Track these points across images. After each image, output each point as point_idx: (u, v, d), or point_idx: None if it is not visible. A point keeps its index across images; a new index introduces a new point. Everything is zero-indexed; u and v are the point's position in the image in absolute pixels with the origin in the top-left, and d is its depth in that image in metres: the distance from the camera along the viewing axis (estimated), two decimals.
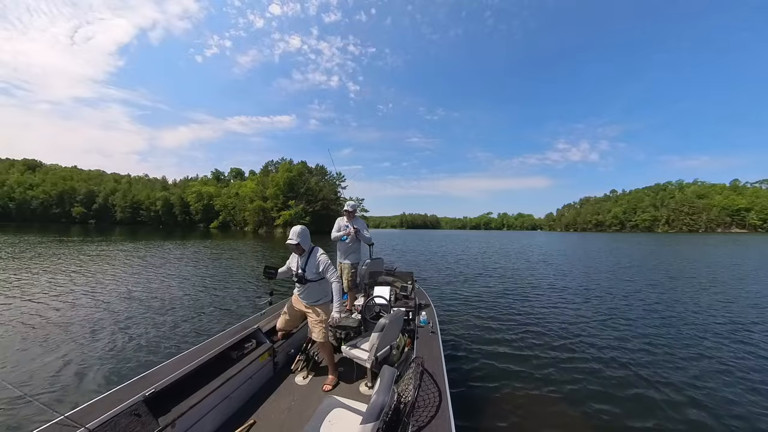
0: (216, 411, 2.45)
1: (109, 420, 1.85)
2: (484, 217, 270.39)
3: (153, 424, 2.00)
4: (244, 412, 2.60)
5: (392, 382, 1.78)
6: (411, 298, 4.24)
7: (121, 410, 1.92)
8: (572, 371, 4.19)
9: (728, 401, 3.58)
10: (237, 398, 2.68)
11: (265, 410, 2.64)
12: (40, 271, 10.58)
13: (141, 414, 2.00)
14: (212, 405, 2.42)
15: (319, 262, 3.04)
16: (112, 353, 4.59)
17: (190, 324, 5.85)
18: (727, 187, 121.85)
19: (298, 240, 3.00)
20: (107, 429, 1.81)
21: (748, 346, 5.18)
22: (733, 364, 4.49)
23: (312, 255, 3.09)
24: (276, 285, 8.26)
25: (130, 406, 1.98)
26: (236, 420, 2.49)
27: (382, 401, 1.63)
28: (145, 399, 2.07)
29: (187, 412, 2.20)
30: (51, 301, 7.14)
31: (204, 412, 2.34)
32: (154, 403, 2.11)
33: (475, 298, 8.23)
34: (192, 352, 2.68)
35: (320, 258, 3.06)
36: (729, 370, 4.32)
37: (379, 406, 1.60)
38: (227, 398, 2.57)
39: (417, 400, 1.98)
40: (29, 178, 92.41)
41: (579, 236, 69.97)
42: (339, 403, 1.98)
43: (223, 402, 2.52)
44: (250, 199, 64.77)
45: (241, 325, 3.36)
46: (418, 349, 2.94)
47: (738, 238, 52.41)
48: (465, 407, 3.32)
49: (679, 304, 7.89)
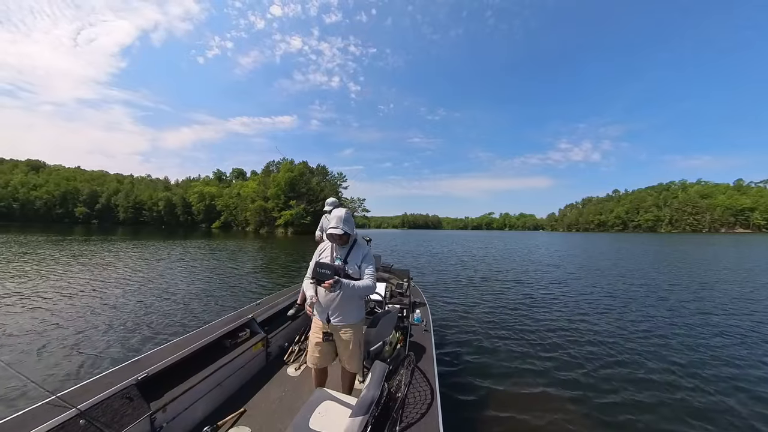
0: (207, 398, 2.48)
1: (101, 402, 1.88)
2: (486, 217, 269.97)
3: (144, 408, 2.03)
4: (236, 401, 2.62)
5: (383, 378, 1.79)
6: (406, 295, 4.25)
7: (113, 393, 1.95)
8: (564, 372, 4.17)
9: (733, 404, 3.52)
10: (229, 386, 2.71)
11: (256, 400, 2.67)
12: (43, 265, 10.71)
13: (133, 397, 2.03)
14: (204, 392, 2.45)
15: (366, 255, 2.37)
16: (106, 338, 4.70)
17: (189, 317, 5.91)
18: (731, 187, 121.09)
19: (345, 229, 2.26)
20: (98, 411, 1.84)
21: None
22: (747, 372, 4.24)
23: (358, 246, 2.41)
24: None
25: (122, 389, 2.01)
26: (227, 408, 2.52)
27: (372, 396, 1.64)
28: (138, 383, 2.10)
29: (179, 397, 2.23)
30: (53, 291, 7.22)
31: (195, 398, 2.37)
32: (146, 387, 2.14)
33: (470, 299, 8.23)
34: (186, 339, 2.71)
35: (363, 247, 2.41)
36: (740, 376, 4.14)
37: (369, 400, 1.62)
38: (219, 386, 2.60)
39: (407, 396, 2.00)
40: (33, 179, 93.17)
41: (581, 236, 69.63)
42: (329, 396, 1.99)
43: (214, 389, 2.55)
44: (252, 199, 64.94)
45: (236, 314, 3.38)
46: (411, 346, 2.95)
47: (743, 238, 51.99)
48: (454, 405, 3.34)
49: (685, 303, 7.88)
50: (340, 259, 2.32)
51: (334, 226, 2.27)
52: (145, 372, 2.17)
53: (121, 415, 1.91)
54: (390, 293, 4.16)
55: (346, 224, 2.28)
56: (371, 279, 2.26)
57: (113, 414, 1.89)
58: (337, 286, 2.09)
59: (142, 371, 2.16)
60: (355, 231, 2.39)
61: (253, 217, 63.04)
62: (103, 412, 1.85)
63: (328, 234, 2.32)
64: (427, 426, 1.88)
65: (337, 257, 2.35)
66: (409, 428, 1.85)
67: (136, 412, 1.98)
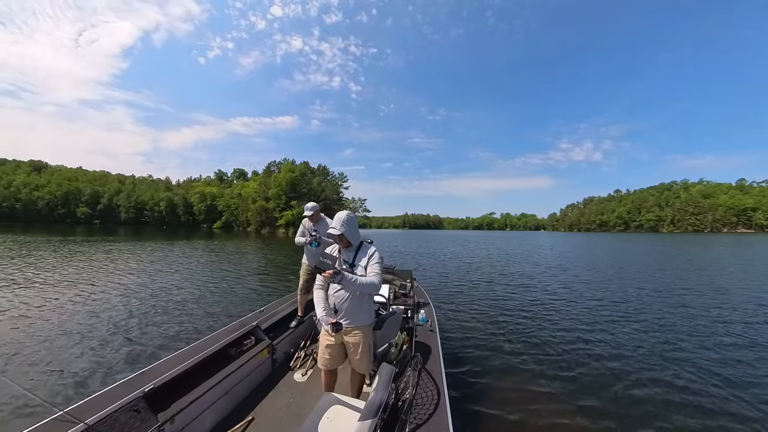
0: (215, 407, 2.46)
1: (109, 415, 1.86)
2: (487, 217, 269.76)
3: (152, 420, 2.02)
4: (243, 409, 2.61)
5: (390, 380, 1.79)
6: (410, 296, 4.24)
7: (121, 406, 1.94)
8: (573, 372, 4.16)
9: (737, 407, 3.50)
10: (236, 395, 2.69)
11: (264, 407, 2.65)
12: (47, 268, 10.72)
13: (140, 410, 2.02)
14: (211, 401, 2.43)
15: (372, 255, 2.29)
16: (110, 350, 4.64)
17: (191, 323, 5.89)
18: (733, 187, 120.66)
19: (342, 230, 2.24)
20: (106, 424, 1.83)
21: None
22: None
23: (364, 248, 2.36)
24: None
25: (130, 401, 1.99)
26: (235, 416, 2.50)
27: (380, 398, 1.63)
28: (145, 395, 2.09)
29: (186, 408, 2.22)
30: (52, 296, 7.22)
31: (203, 408, 2.36)
32: (153, 399, 2.13)
33: (475, 298, 8.21)
34: (191, 349, 2.70)
35: (369, 249, 2.34)
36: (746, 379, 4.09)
37: (377, 403, 1.61)
38: (226, 395, 2.58)
39: (415, 397, 1.98)
40: (35, 179, 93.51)
41: (583, 236, 69.55)
42: (337, 400, 1.98)
43: (221, 398, 2.54)
44: (253, 199, 65.03)
45: (239, 322, 3.37)
46: (417, 347, 2.94)
47: (745, 238, 51.75)
48: (463, 405, 3.31)
49: (693, 304, 7.82)
50: (348, 262, 2.30)
51: (333, 227, 2.26)
52: (152, 384, 2.16)
53: (129, 428, 1.89)
54: (394, 294, 4.15)
55: (345, 226, 2.24)
56: (376, 277, 2.19)
57: (121, 427, 1.87)
58: (337, 277, 2.03)
59: (149, 383, 2.15)
60: (358, 235, 2.36)
61: (255, 218, 63.08)
62: (112, 426, 1.84)
63: (327, 234, 2.36)
64: (437, 427, 1.87)
65: (345, 261, 2.33)
66: (418, 429, 1.85)
67: (145, 424, 1.97)
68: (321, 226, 3.71)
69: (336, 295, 2.28)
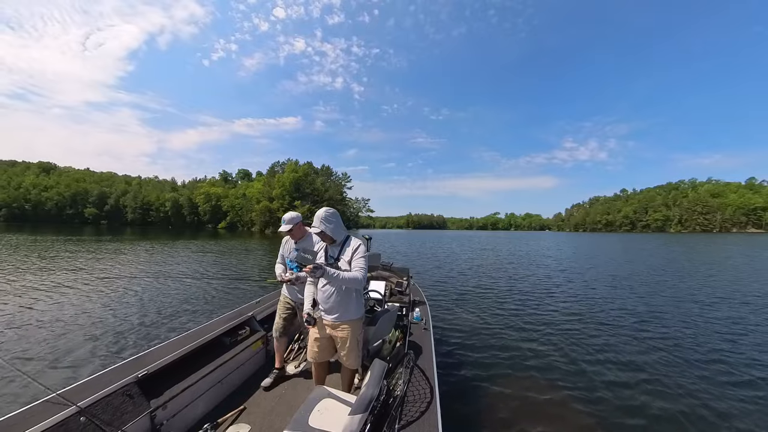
0: (207, 395, 2.51)
1: (101, 399, 1.90)
2: (492, 217, 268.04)
3: (144, 405, 2.06)
4: (235, 398, 2.65)
5: (382, 376, 1.80)
6: (406, 294, 4.25)
7: (114, 390, 1.98)
8: (562, 372, 4.14)
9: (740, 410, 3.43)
10: (228, 384, 2.73)
11: (256, 397, 2.69)
12: (53, 263, 10.94)
13: (133, 395, 2.06)
14: (204, 389, 2.48)
15: (356, 249, 2.27)
16: (108, 336, 4.78)
17: (190, 314, 5.97)
18: (742, 186, 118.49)
19: (322, 227, 2.25)
20: (99, 408, 1.86)
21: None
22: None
23: (349, 243, 2.34)
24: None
25: (123, 386, 2.03)
26: (227, 405, 2.54)
27: (372, 393, 1.65)
28: (138, 380, 2.13)
29: (179, 395, 2.26)
30: (58, 289, 7.38)
31: (195, 396, 2.40)
32: (146, 384, 2.17)
33: (470, 298, 8.20)
34: (185, 337, 2.73)
35: (353, 243, 2.33)
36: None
37: (368, 398, 1.62)
38: (219, 383, 2.63)
39: (406, 394, 1.99)
40: (44, 180, 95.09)
41: (589, 237, 68.77)
42: (329, 394, 2.00)
43: (214, 387, 2.58)
44: (257, 199, 65.52)
45: (235, 311, 3.41)
46: (410, 344, 2.95)
47: (756, 239, 50.69)
48: (454, 403, 3.33)
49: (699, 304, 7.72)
50: (333, 257, 2.32)
51: (313, 225, 2.30)
52: (146, 369, 2.19)
53: (121, 413, 1.93)
54: (389, 291, 4.15)
55: (324, 223, 2.25)
56: (360, 272, 2.19)
57: (114, 411, 1.91)
58: (318, 272, 2.05)
59: (143, 369, 2.19)
60: (343, 230, 2.35)
61: (259, 218, 63.53)
62: (104, 410, 1.88)
63: (313, 232, 2.36)
64: (427, 423, 1.87)
65: (331, 256, 2.35)
66: (409, 426, 1.85)
67: (137, 409, 2.01)
68: (307, 244, 2.87)
69: (323, 290, 2.31)
